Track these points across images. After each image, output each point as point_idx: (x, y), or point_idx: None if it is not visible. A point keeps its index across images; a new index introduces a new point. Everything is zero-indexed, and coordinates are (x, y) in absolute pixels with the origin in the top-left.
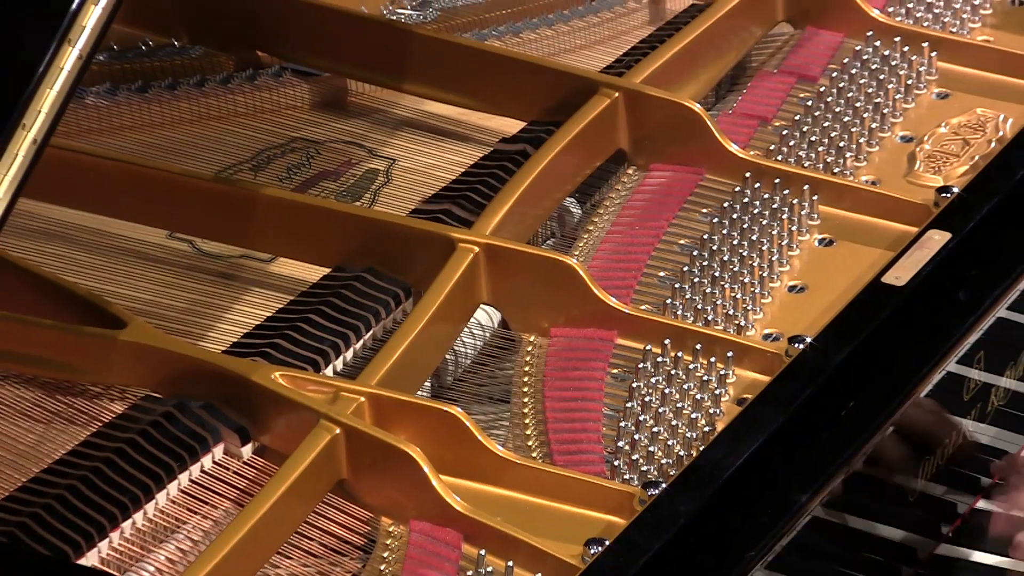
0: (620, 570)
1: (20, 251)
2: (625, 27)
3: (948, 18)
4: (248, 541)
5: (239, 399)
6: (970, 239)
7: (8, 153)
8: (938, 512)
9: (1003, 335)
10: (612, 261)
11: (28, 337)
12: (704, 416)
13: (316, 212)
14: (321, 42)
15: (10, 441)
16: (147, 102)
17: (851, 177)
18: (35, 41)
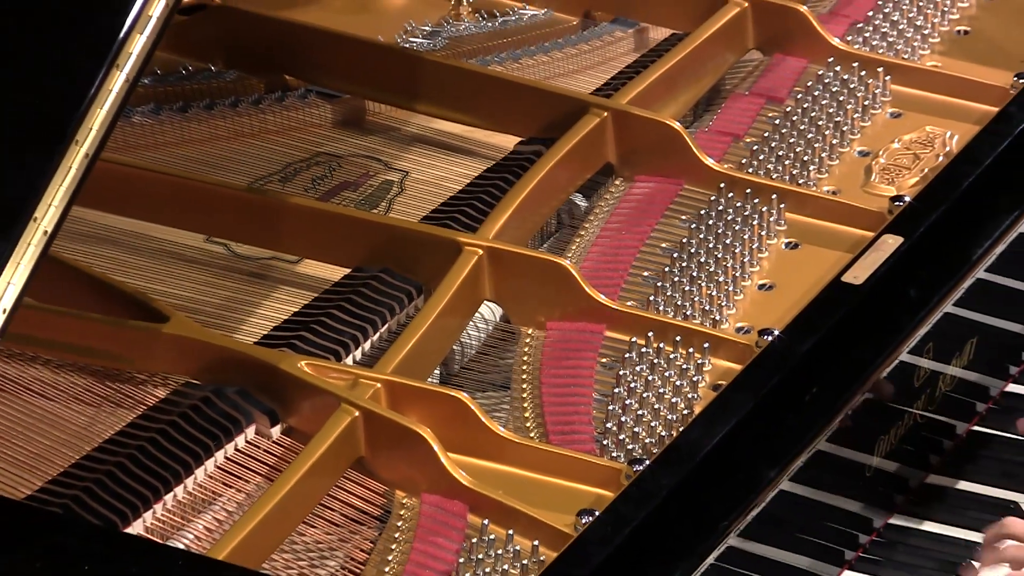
0: (608, 538)
1: (74, 253)
2: (612, 54)
3: (901, 46)
4: (277, 512)
5: (269, 385)
6: (920, 243)
7: (63, 166)
8: (891, 485)
9: (950, 328)
10: (601, 262)
11: (81, 329)
12: (683, 400)
13: (337, 219)
14: (342, 67)
15: (64, 422)
16: (187, 120)
17: (814, 187)
18: (87, 66)
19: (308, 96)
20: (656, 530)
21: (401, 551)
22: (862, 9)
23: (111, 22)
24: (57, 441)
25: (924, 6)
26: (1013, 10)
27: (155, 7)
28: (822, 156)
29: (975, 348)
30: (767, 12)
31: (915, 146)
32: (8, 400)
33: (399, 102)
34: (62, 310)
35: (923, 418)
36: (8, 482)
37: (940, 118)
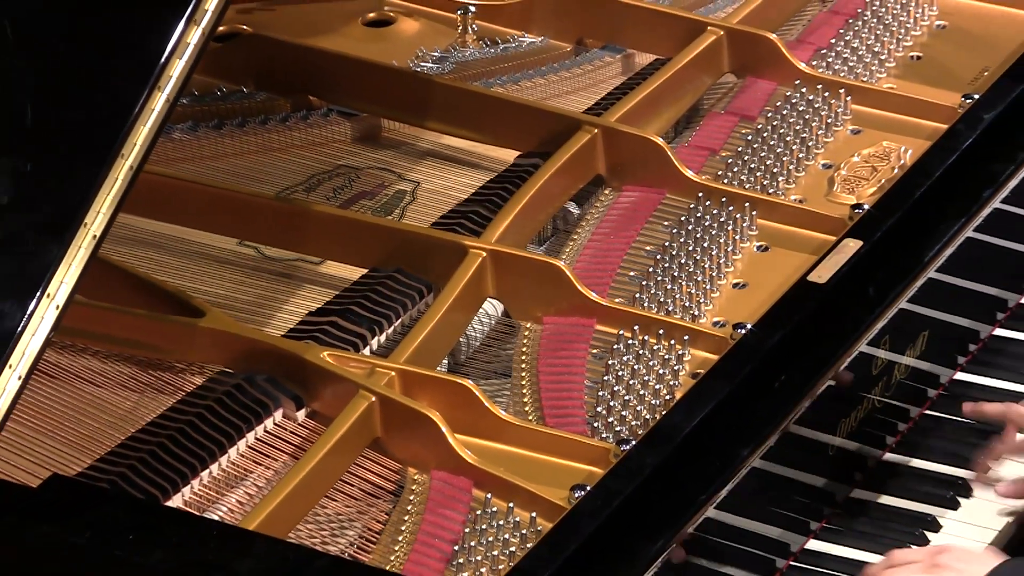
0: (599, 511)
1: (120, 255)
2: (602, 77)
3: (860, 70)
4: (301, 487)
5: (295, 374)
6: (878, 246)
7: (110, 177)
8: (852, 463)
9: (904, 323)
10: (592, 263)
11: (126, 323)
12: (665, 387)
13: (356, 224)
14: (360, 89)
15: (111, 407)
16: (221, 136)
17: (782, 196)
18: (132, 88)
19: (329, 115)
20: (642, 503)
21: (413, 522)
22: (825, 37)
23: (154, 48)
24: (105, 423)
25: (881, 34)
26: (960, 38)
27: (193, 35)
28: (790, 168)
29: (927, 340)
30: (740, 39)
31: (873, 159)
32: (61, 387)
33: (411, 120)
34: (109, 306)
35: (880, 403)
36: (61, 460)
37: (895, 134)
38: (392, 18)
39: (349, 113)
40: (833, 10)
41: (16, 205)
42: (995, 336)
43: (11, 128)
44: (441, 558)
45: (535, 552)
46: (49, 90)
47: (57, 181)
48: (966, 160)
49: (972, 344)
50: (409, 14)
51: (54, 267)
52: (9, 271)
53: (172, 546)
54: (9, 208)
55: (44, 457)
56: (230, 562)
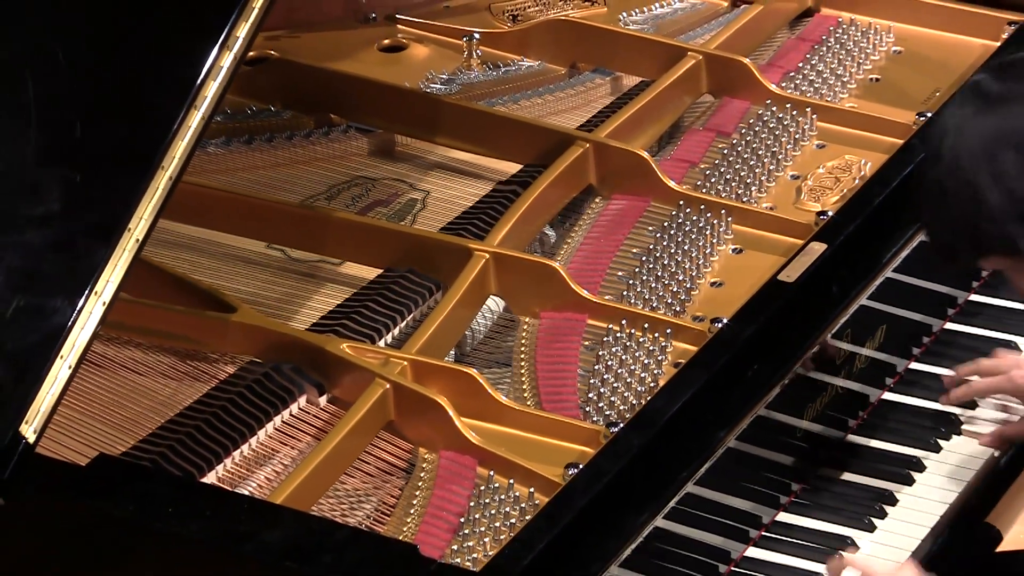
0: (590, 486)
1: (161, 257)
2: (593, 97)
3: (824, 91)
4: (323, 465)
5: (317, 363)
6: (840, 249)
7: (152, 187)
8: (817, 443)
9: (864, 317)
10: (584, 264)
11: (166, 318)
12: (650, 375)
13: (372, 229)
14: (376, 108)
15: (152, 393)
16: (251, 150)
17: (755, 204)
18: (171, 106)
19: (348, 131)
20: (629, 480)
21: (423, 497)
22: (794, 61)
23: (191, 71)
24: (147, 408)
25: (843, 58)
26: (915, 62)
27: (226, 60)
28: (761, 179)
29: (885, 333)
30: (717, 63)
31: (836, 171)
32: (107, 375)
33: (422, 136)
34: (151, 302)
35: (843, 389)
36: (107, 441)
37: (856, 148)
38: (405, 44)
39: (366, 129)
40: (800, 37)
41: (67, 212)
42: (946, 329)
43: (62, 143)
44: (449, 529)
45: (533, 524)
46: (96, 109)
47: (104, 190)
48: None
49: (925, 337)
50: (420, 40)
51: (101, 267)
52: (61, 271)
53: (207, 518)
54: (60, 214)
55: (92, 438)
56: (259, 532)
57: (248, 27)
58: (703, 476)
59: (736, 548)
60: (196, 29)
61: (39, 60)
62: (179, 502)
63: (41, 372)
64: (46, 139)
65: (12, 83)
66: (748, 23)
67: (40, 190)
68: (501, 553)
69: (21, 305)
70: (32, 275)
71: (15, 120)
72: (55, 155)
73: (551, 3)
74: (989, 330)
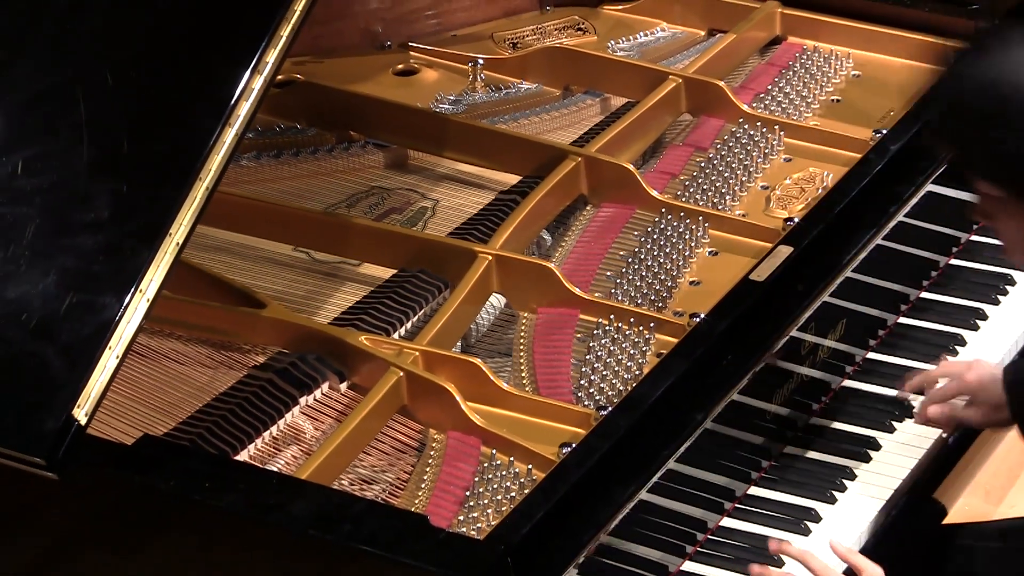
0: (582, 463)
1: (199, 258)
2: (584, 116)
3: (791, 110)
4: (344, 444)
5: (338, 353)
6: (805, 251)
7: (190, 196)
8: (784, 425)
9: (827, 312)
10: (576, 265)
11: (204, 313)
12: (635, 364)
13: (387, 234)
14: (391, 125)
15: (191, 380)
16: (279, 164)
17: (729, 211)
18: (208, 124)
19: (366, 146)
20: (617, 457)
21: (433, 473)
22: (763, 84)
23: (226, 93)
24: (186, 393)
25: (808, 82)
26: (871, 85)
27: (256, 82)
28: (735, 189)
29: (845, 326)
30: (695, 86)
31: (801, 182)
32: (151, 364)
33: (432, 150)
34: (190, 299)
35: (807, 377)
36: (151, 423)
37: (820, 162)
38: (417, 69)
39: (382, 145)
40: (769, 62)
41: (115, 218)
42: (899, 323)
43: (111, 157)
44: (456, 502)
45: (531, 497)
46: (141, 126)
47: (148, 199)
48: (876, 182)
49: (881, 330)
50: (430, 65)
51: (145, 268)
52: (109, 271)
53: (240, 491)
54: (109, 221)
55: (137, 420)
56: (286, 504)
57: (276, 53)
58: (683, 454)
59: (712, 519)
60: (230, 55)
61: (91, 84)
62: (215, 477)
63: (92, 361)
64: (97, 153)
65: (67, 104)
66: (723, 50)
67: (91, 199)
68: (502, 523)
69: (74, 302)
70: (84, 275)
71: (70, 137)
72: (105, 168)
73: (547, 32)
74: (937, 324)
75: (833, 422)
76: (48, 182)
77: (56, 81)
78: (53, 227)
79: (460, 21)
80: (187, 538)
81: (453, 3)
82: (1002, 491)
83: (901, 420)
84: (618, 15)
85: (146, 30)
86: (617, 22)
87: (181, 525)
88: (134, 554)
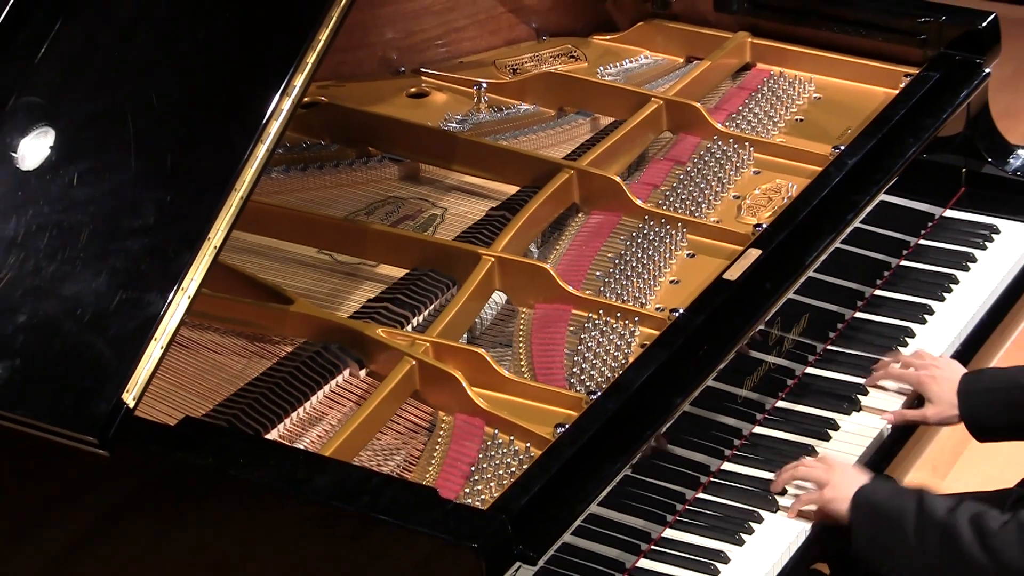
0: (574, 441)
1: (234, 260)
2: (576, 134)
3: (760, 128)
4: (363, 425)
5: (358, 344)
6: (773, 254)
7: (227, 204)
8: (754, 407)
9: (791, 308)
10: (569, 266)
11: (238, 309)
12: (621, 354)
13: (401, 238)
14: (404, 141)
15: (227, 368)
16: (306, 176)
17: (705, 218)
18: (242, 141)
19: (383, 160)
20: (605, 436)
21: (442, 450)
22: (735, 104)
23: (258, 113)
24: (222, 380)
25: (775, 103)
26: (831, 106)
27: (285, 104)
28: (710, 198)
29: (807, 321)
30: (675, 107)
31: (769, 192)
32: (191, 354)
33: (441, 164)
34: (226, 296)
35: (774, 365)
36: (191, 406)
37: (785, 174)
38: (427, 92)
39: (396, 159)
40: (740, 86)
41: (160, 224)
42: (855, 318)
43: (157, 170)
44: (462, 476)
45: (529, 472)
46: (183, 142)
47: (189, 207)
48: (835, 193)
49: (839, 323)
50: (440, 89)
51: (186, 268)
52: (155, 271)
53: (270, 467)
54: (155, 227)
55: (179, 404)
56: (311, 478)
57: (303, 78)
58: (663, 433)
59: (689, 492)
60: (262, 80)
61: (139, 105)
62: (248, 454)
63: (139, 351)
64: (144, 167)
65: (117, 123)
66: (699, 75)
67: (139, 207)
68: (504, 495)
69: (123, 298)
70: (132, 274)
71: (120, 152)
72: (151, 180)
73: (543, 59)
74: (889, 318)
75: (797, 405)
76: (100, 192)
77: (108, 103)
78: (105, 232)
79: (466, 49)
80: (223, 508)
81: (460, 33)
82: (947, 467)
83: (857, 404)
84: (606, 44)
85: (187, 57)
86: (605, 50)
87: (217, 497)
88: (175, 522)
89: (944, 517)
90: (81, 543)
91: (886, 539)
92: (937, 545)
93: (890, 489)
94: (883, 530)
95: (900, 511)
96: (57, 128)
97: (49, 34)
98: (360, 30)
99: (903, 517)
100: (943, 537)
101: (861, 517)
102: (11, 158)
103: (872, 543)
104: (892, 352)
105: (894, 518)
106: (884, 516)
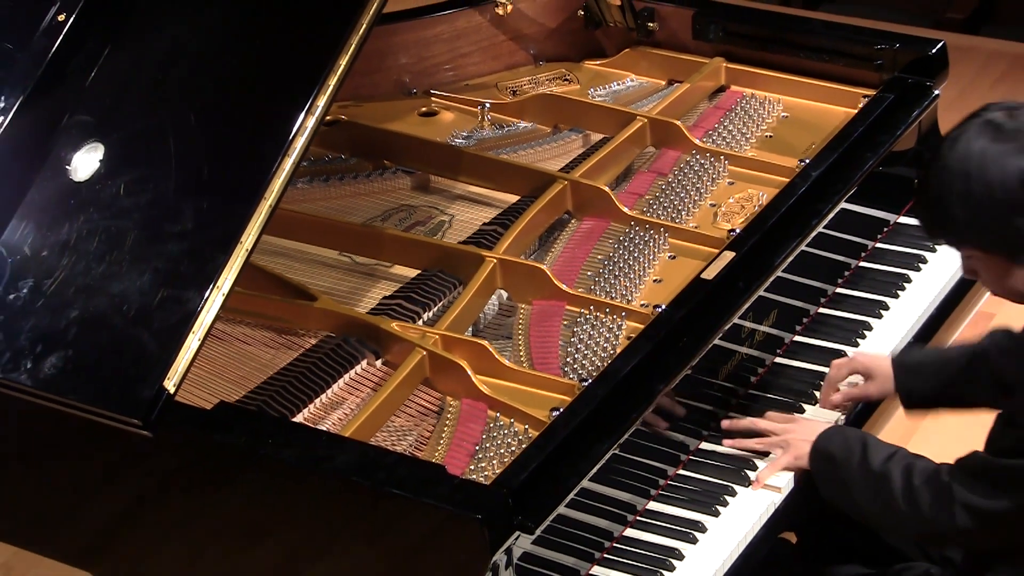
0: (568, 423)
1: (264, 261)
2: (569, 149)
3: (733, 144)
4: (379, 408)
5: (374, 337)
6: (745, 256)
7: (257, 211)
8: (728, 394)
9: (762, 305)
10: (564, 267)
11: (267, 305)
12: (610, 345)
13: (413, 242)
14: (416, 156)
15: (258, 358)
16: (328, 187)
17: (684, 224)
18: (271, 155)
19: (397, 172)
20: (595, 419)
21: (449, 431)
22: (711, 122)
23: (285, 129)
24: (253, 369)
25: (747, 121)
26: (797, 124)
27: (309, 122)
28: (689, 206)
29: (776, 315)
30: (657, 125)
31: (742, 200)
32: (225, 345)
33: (448, 176)
34: (256, 293)
35: (746, 355)
36: (225, 392)
37: (756, 185)
38: (436, 111)
39: (409, 171)
40: (716, 106)
41: (197, 229)
42: (820, 313)
43: (194, 180)
44: (468, 455)
45: (527, 451)
46: (218, 156)
47: (223, 214)
48: (801, 201)
49: (805, 318)
50: (448, 108)
51: (221, 269)
52: (193, 271)
53: (296, 446)
54: (193, 231)
55: (215, 390)
56: (333, 457)
57: (326, 99)
58: (647, 416)
59: (670, 469)
60: (289, 100)
61: (179, 122)
62: (277, 435)
63: (179, 343)
64: (183, 178)
65: (160, 139)
66: (679, 96)
67: (179, 214)
68: (505, 472)
69: (164, 296)
70: (173, 274)
71: (162, 165)
72: (189, 189)
73: (540, 82)
74: (850, 313)
75: (767, 392)
76: (144, 201)
77: (151, 121)
78: (148, 237)
79: (471, 73)
80: (254, 483)
81: (465, 59)
82: None
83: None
84: (596, 68)
85: (221, 80)
86: (596, 74)
87: (249, 473)
88: (212, 495)
89: (880, 466)
90: (130, 512)
91: (840, 484)
92: (874, 490)
93: (842, 437)
94: (836, 477)
95: (847, 459)
96: (106, 143)
97: (99, 59)
98: (377, 56)
99: (850, 463)
100: (879, 483)
101: (818, 465)
102: (65, 170)
103: (830, 486)
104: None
105: (842, 464)
106: (835, 463)
